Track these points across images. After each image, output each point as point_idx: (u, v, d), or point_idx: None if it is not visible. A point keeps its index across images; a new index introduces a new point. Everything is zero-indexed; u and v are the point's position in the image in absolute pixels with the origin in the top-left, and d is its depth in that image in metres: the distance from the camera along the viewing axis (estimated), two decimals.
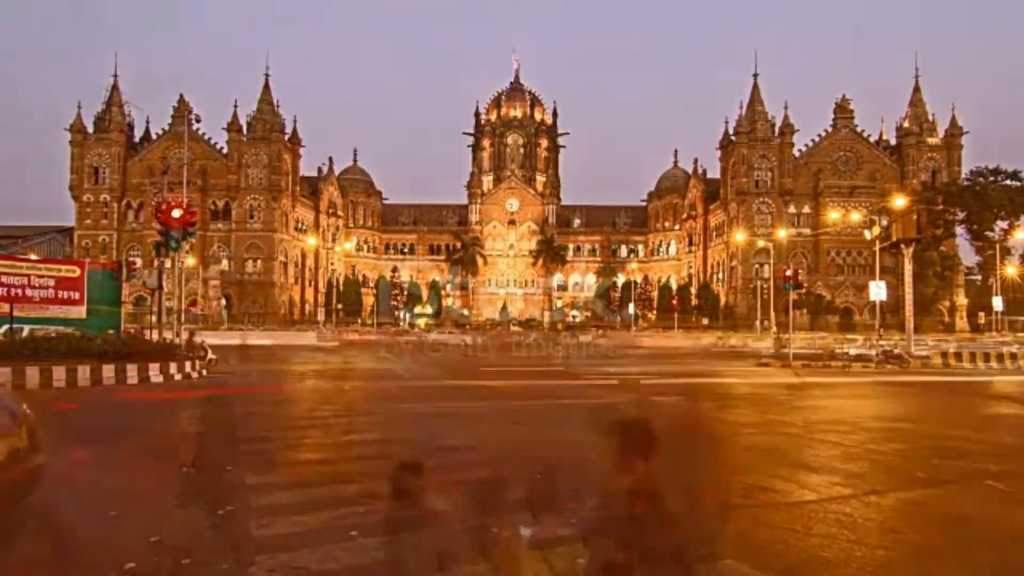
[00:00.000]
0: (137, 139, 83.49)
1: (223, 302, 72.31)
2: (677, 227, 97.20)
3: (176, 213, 21.65)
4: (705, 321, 75.78)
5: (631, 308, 75.25)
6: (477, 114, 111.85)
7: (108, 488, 7.25)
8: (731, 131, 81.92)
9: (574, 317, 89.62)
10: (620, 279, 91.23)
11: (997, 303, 55.95)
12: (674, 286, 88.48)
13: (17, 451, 4.85)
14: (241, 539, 5.75)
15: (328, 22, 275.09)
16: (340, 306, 78.99)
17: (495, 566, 3.54)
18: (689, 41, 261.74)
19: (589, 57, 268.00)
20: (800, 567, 5.23)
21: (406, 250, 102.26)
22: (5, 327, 19.23)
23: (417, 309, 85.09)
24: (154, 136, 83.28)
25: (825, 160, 79.73)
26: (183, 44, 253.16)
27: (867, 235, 36.38)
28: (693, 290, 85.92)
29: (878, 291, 32.33)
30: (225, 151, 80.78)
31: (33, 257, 35.45)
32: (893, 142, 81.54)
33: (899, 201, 38.36)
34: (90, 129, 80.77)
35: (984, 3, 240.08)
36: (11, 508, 5.00)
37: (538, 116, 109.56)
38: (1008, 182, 67.79)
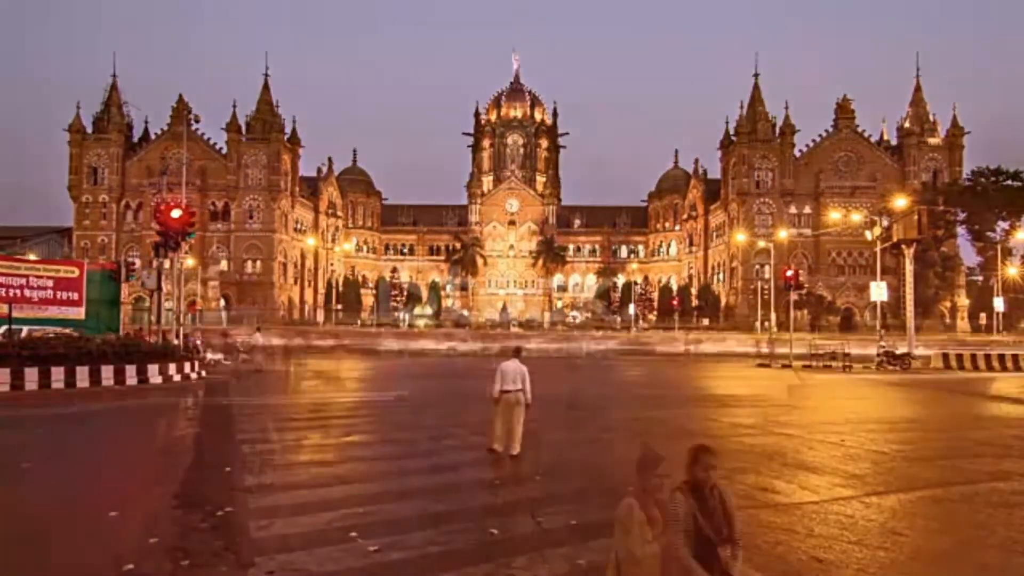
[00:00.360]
0: (136, 139, 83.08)
1: (222, 303, 72.25)
2: (677, 227, 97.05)
3: (175, 213, 21.65)
4: (706, 322, 75.68)
5: (631, 309, 75.16)
6: (477, 114, 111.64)
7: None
8: (732, 131, 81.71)
9: (574, 318, 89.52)
10: (620, 280, 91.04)
11: (998, 304, 55.88)
12: (675, 287, 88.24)
13: None
14: (240, 540, 5.72)
15: (328, 22, 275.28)
16: (339, 307, 78.89)
17: None
18: (689, 41, 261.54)
19: (589, 57, 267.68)
20: (801, 568, 5.20)
21: (406, 251, 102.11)
22: (3, 328, 19.17)
23: (417, 310, 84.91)
24: (153, 136, 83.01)
25: (826, 160, 79.57)
26: (183, 44, 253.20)
27: (868, 236, 36.27)
28: (694, 291, 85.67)
29: (879, 292, 32.28)
30: (224, 151, 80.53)
31: (32, 258, 35.45)
32: (894, 142, 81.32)
33: (900, 201, 38.24)
34: (89, 129, 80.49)
35: (984, 4, 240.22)
36: None
37: (538, 116, 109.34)
38: (1009, 182, 67.64)
